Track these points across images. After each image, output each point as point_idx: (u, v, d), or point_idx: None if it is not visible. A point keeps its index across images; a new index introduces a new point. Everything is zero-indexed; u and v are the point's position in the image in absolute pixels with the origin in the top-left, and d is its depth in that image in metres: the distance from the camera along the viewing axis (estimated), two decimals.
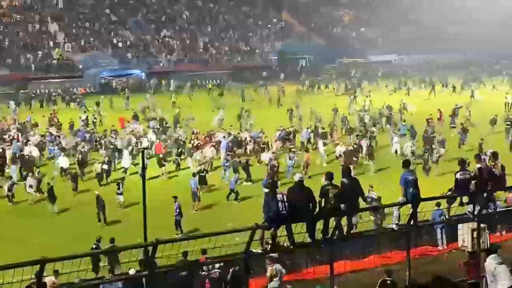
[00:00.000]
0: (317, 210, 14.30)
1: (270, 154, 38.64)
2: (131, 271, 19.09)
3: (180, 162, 39.49)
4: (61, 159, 38.47)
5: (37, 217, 31.30)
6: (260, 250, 14.25)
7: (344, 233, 15.22)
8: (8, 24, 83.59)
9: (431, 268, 19.39)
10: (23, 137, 44.15)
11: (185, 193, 32.21)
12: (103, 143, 42.57)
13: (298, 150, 41.15)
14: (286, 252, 16.61)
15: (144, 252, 16.53)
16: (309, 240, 14.39)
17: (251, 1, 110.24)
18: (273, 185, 14.51)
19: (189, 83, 77.10)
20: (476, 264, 16.35)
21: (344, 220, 15.34)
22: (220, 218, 29.25)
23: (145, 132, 46.55)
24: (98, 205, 29.91)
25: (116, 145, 41.62)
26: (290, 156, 37.98)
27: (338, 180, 14.90)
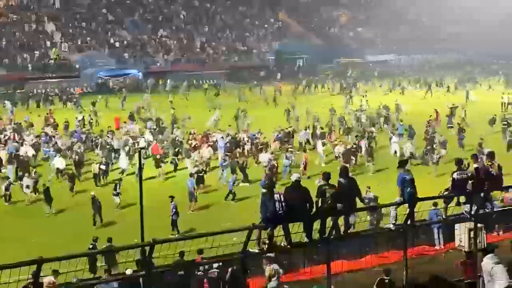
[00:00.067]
0: (314, 210, 14.30)
1: (268, 154, 38.54)
2: (128, 271, 19.08)
3: (177, 162, 39.43)
4: (56, 160, 38.25)
5: (34, 217, 31.24)
6: (257, 250, 14.25)
7: (341, 233, 15.21)
8: (5, 24, 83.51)
9: (428, 268, 19.38)
10: (19, 137, 44.03)
11: (182, 194, 32.15)
12: (99, 144, 42.41)
13: (296, 150, 41.10)
14: (283, 252, 16.62)
15: (141, 252, 16.51)
16: (306, 240, 14.38)
17: (248, 1, 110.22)
18: (270, 185, 14.50)
19: (185, 82, 77.09)
20: (473, 264, 16.37)
21: (341, 220, 15.33)
22: (217, 219, 29.20)
23: (141, 132, 46.42)
24: (94, 206, 29.73)
25: (112, 145, 41.54)
26: (286, 156, 37.92)
27: (337, 180, 14.91)
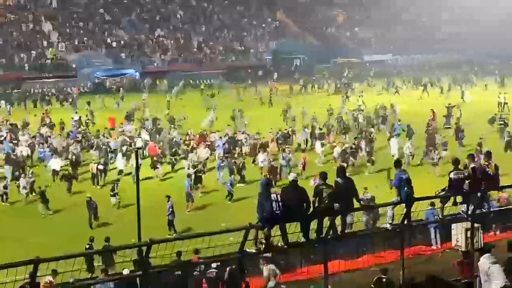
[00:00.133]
0: (311, 209, 14.30)
1: (265, 155, 38.40)
2: (125, 271, 19.07)
3: (175, 162, 39.33)
4: (52, 161, 38.03)
5: (32, 217, 31.17)
6: (254, 250, 14.24)
7: (338, 232, 15.21)
8: (2, 24, 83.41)
9: (425, 268, 19.40)
10: (14, 137, 43.86)
11: (180, 194, 32.19)
12: (95, 144, 42.22)
13: (293, 151, 41.00)
14: (280, 252, 16.61)
15: (138, 252, 16.50)
16: (303, 239, 14.37)
17: (245, 1, 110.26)
18: (267, 185, 14.48)
19: (182, 82, 77.11)
20: (470, 264, 16.38)
21: (338, 219, 15.33)
22: (214, 219, 29.15)
23: (138, 132, 46.33)
24: (89, 208, 29.56)
25: (110, 146, 41.42)
26: (283, 156, 37.91)
27: (334, 180, 14.90)
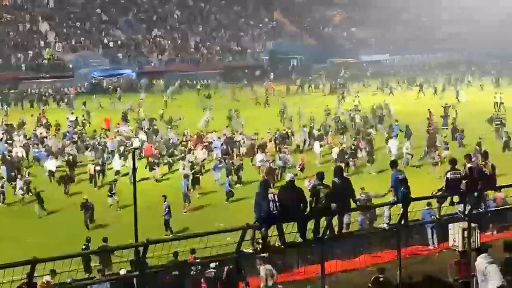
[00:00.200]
0: (308, 210, 14.30)
1: (263, 156, 38.37)
2: (122, 272, 19.06)
3: (172, 163, 39.20)
4: (48, 162, 37.82)
5: (29, 217, 31.15)
6: (251, 250, 14.24)
7: (335, 232, 15.22)
8: None
9: (421, 268, 19.42)
10: (9, 138, 43.70)
11: (177, 194, 32.23)
12: (91, 145, 42.09)
13: (291, 151, 40.93)
14: (277, 252, 16.61)
15: (135, 253, 16.49)
16: (300, 240, 14.37)
17: (242, 1, 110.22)
18: (264, 185, 14.48)
19: (178, 82, 77.17)
20: (467, 264, 16.41)
21: (335, 219, 15.33)
22: (211, 219, 29.07)
23: (136, 132, 46.27)
24: (85, 210, 29.46)
25: (107, 146, 41.32)
26: (279, 156, 37.92)
27: (331, 180, 14.90)
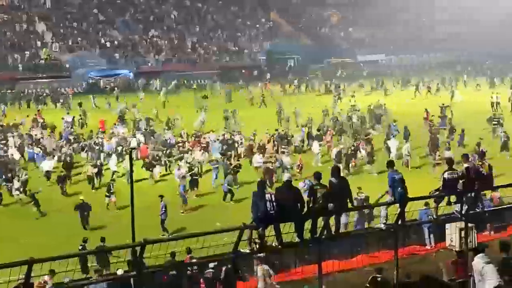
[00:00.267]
0: (305, 210, 14.31)
1: (261, 157, 38.32)
2: (119, 272, 19.05)
3: (169, 164, 39.09)
4: (45, 163, 37.64)
5: (27, 218, 31.12)
6: (248, 250, 14.25)
7: (332, 232, 15.22)
8: None
9: (419, 268, 19.44)
10: (3, 138, 43.50)
11: (175, 195, 32.32)
12: (87, 145, 41.98)
13: (291, 152, 40.85)
14: (275, 252, 16.62)
15: (132, 253, 16.50)
16: (297, 239, 14.38)
17: (239, 1, 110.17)
18: (261, 185, 14.49)
19: (174, 82, 77.17)
20: (464, 263, 16.43)
21: (332, 219, 15.34)
22: (208, 220, 29.05)
23: (131, 132, 46.19)
24: (80, 211, 29.29)
25: (103, 146, 41.20)
26: (276, 157, 37.92)
27: (328, 180, 14.89)
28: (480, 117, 50.82)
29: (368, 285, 16.96)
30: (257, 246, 14.11)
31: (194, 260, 19.86)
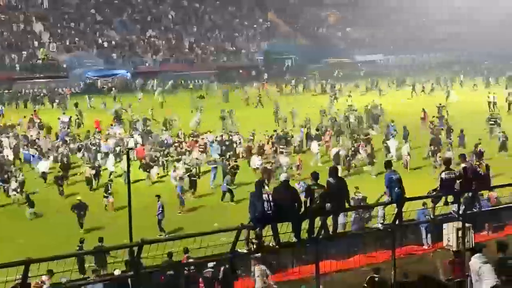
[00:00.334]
0: (302, 209, 14.31)
1: (260, 158, 38.19)
2: (117, 272, 19.04)
3: (166, 164, 38.94)
4: (41, 164, 37.48)
5: (25, 219, 31.05)
6: (245, 250, 14.24)
7: (330, 232, 15.22)
8: None
9: (416, 268, 19.45)
10: None
11: (172, 195, 32.27)
12: (84, 145, 41.80)
13: (290, 153, 40.79)
14: (272, 252, 16.62)
15: (129, 253, 16.49)
16: (294, 239, 14.39)
17: (237, 1, 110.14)
18: (259, 185, 14.48)
19: (171, 82, 77.12)
20: (461, 263, 16.44)
21: (330, 219, 15.34)
22: (205, 220, 28.99)
23: (128, 133, 46.09)
24: (77, 211, 29.21)
25: (100, 147, 41.07)
26: (273, 157, 37.89)
27: (326, 180, 14.88)
28: (477, 117, 50.78)
29: (365, 285, 16.99)
30: (255, 246, 14.11)
31: (191, 260, 19.86)
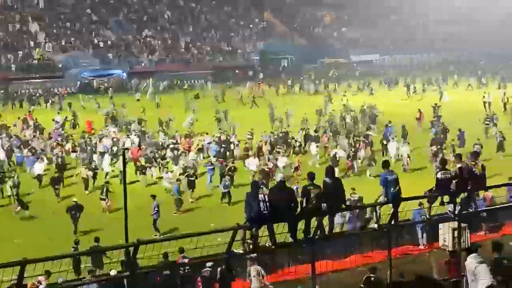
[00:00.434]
0: (298, 210, 14.31)
1: (256, 160, 38.06)
2: (113, 272, 19.03)
3: (162, 166, 38.72)
4: (36, 166, 37.08)
5: (24, 219, 30.99)
6: (241, 251, 14.25)
7: (326, 233, 15.22)
8: None
9: (412, 267, 19.47)
10: None
11: (168, 196, 32.33)
12: (79, 145, 41.67)
13: (287, 153, 40.74)
14: (268, 252, 16.63)
15: (125, 253, 16.48)
16: (290, 240, 14.39)
17: (233, 1, 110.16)
18: (254, 185, 14.48)
19: (166, 82, 77.08)
20: (457, 263, 16.47)
21: (326, 219, 15.34)
22: (201, 221, 28.89)
23: (124, 133, 46.00)
24: (74, 212, 28.85)
25: (96, 148, 40.94)
26: (268, 157, 37.88)
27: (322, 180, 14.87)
28: (472, 116, 50.81)
29: (362, 285, 17.01)
30: (250, 246, 14.11)
31: (186, 260, 19.85)
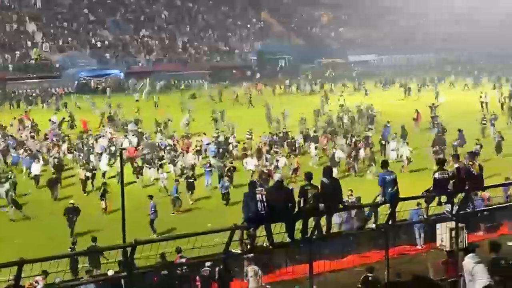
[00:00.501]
0: (296, 210, 14.30)
1: (255, 160, 38.05)
2: (110, 272, 19.01)
3: (159, 166, 38.57)
4: (33, 167, 36.86)
5: (22, 219, 30.94)
6: (239, 251, 14.24)
7: (323, 233, 15.22)
8: None
9: (409, 267, 19.49)
10: None
11: (166, 197, 32.36)
12: (75, 144, 41.55)
13: (285, 154, 40.68)
14: (265, 252, 16.62)
15: (122, 253, 16.47)
16: (288, 240, 14.39)
17: (230, 1, 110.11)
18: (252, 185, 14.47)
19: (162, 82, 77.10)
20: (454, 263, 16.47)
21: (324, 219, 15.34)
22: (199, 221, 28.83)
23: (121, 134, 45.91)
24: (71, 215, 28.59)
25: (93, 148, 40.86)
26: (266, 157, 37.85)
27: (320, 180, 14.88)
28: (469, 116, 50.82)
29: (360, 285, 17.02)
30: (248, 246, 14.11)
31: (183, 260, 19.85)
